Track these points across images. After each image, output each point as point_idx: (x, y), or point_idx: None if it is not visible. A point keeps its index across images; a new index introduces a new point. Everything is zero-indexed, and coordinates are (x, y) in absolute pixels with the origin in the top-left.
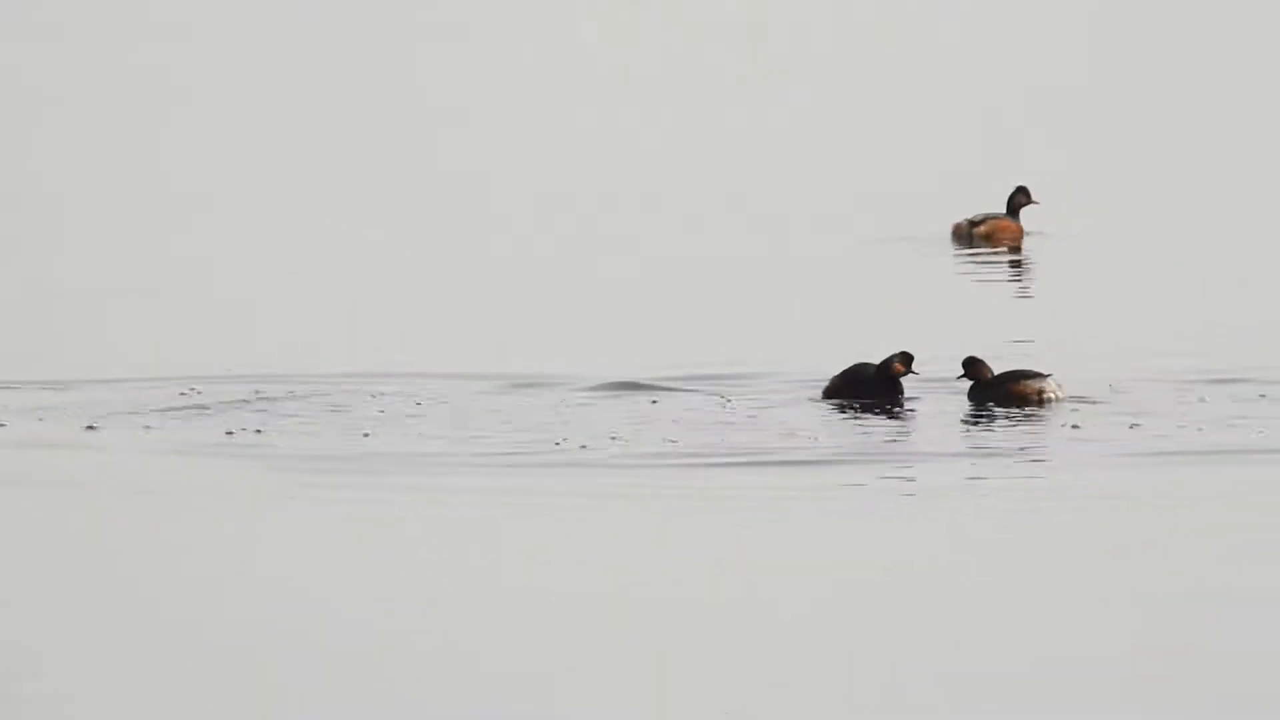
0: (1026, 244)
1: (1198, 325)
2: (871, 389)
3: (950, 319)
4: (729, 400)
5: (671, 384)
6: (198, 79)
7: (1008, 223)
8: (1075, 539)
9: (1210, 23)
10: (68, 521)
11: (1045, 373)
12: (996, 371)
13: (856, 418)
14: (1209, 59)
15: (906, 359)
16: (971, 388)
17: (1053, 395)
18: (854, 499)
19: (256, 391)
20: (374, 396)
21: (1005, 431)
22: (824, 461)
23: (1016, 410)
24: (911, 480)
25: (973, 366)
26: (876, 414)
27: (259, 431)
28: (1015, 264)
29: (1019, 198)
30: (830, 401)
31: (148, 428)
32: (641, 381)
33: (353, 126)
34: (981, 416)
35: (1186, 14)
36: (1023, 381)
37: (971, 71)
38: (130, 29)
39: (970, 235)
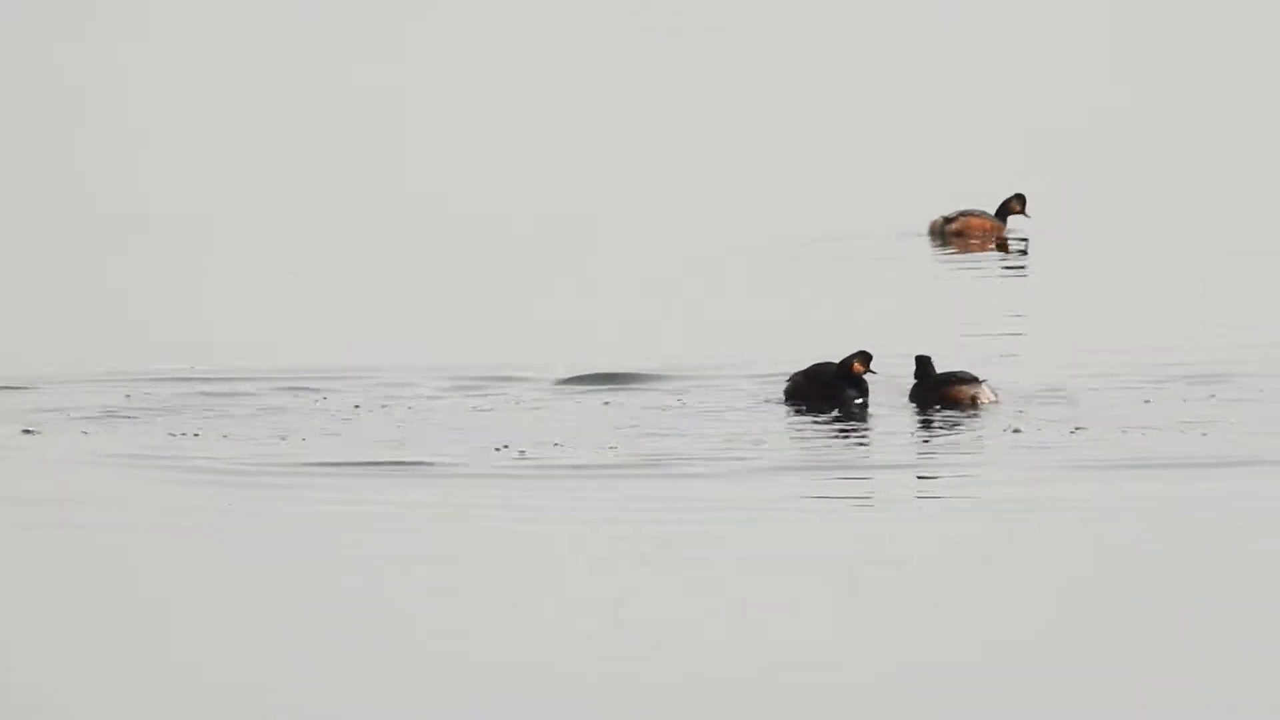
0: (1006, 244)
1: (1161, 327)
2: (832, 389)
3: (915, 316)
4: (683, 402)
5: (632, 382)
6: (174, 87)
7: (981, 220)
8: (996, 552)
9: (1212, 49)
10: None
11: (980, 377)
12: (939, 371)
13: (806, 421)
14: (1211, 86)
15: (865, 358)
16: (914, 388)
17: (985, 400)
18: (791, 511)
19: (207, 401)
20: (324, 398)
21: (949, 438)
22: (764, 470)
23: (958, 413)
24: (833, 496)
25: (925, 365)
26: (830, 417)
27: (197, 435)
28: (990, 262)
29: (1013, 204)
30: (789, 403)
31: (85, 433)
32: (601, 375)
33: (330, 134)
34: (927, 421)
35: (1189, 39)
36: (957, 386)
37: (971, 80)
38: (110, 34)
39: (944, 232)
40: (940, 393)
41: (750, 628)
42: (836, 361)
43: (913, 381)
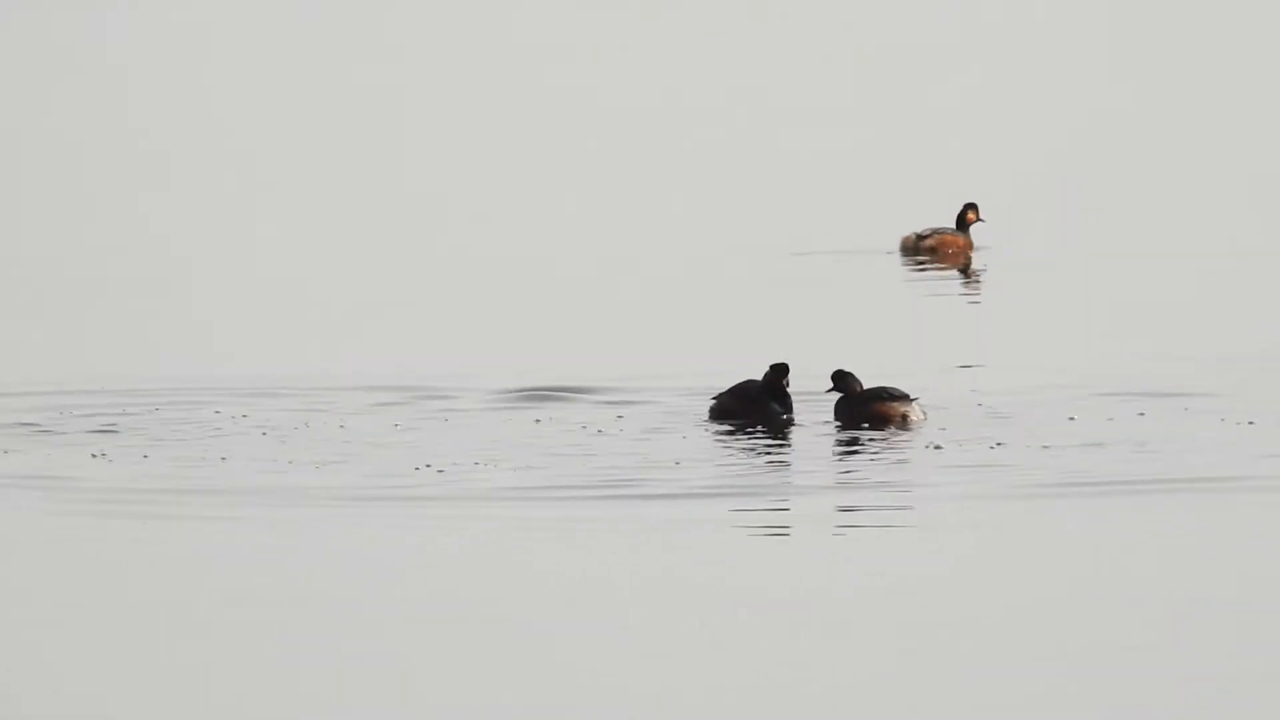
0: (975, 259)
1: (1107, 343)
2: (759, 405)
3: (866, 332)
4: (622, 418)
5: (578, 395)
6: (174, 87)
7: (954, 237)
8: (929, 571)
9: (1212, 49)
10: None
11: (911, 395)
12: (866, 386)
13: (734, 440)
14: (1211, 86)
15: (779, 371)
16: (839, 402)
17: (916, 419)
18: (710, 536)
19: (125, 410)
20: (245, 415)
21: (872, 457)
22: (682, 495)
23: (881, 431)
24: (759, 525)
25: (842, 380)
26: (756, 435)
27: (107, 457)
28: (956, 279)
29: (968, 215)
30: (716, 422)
31: (5, 451)
32: (540, 391)
33: (330, 134)
34: (850, 439)
35: (1189, 39)
36: (887, 403)
37: (943, 93)
38: (109, 35)
39: (917, 248)
40: (871, 409)
41: (654, 654)
42: (760, 378)
43: (835, 397)
